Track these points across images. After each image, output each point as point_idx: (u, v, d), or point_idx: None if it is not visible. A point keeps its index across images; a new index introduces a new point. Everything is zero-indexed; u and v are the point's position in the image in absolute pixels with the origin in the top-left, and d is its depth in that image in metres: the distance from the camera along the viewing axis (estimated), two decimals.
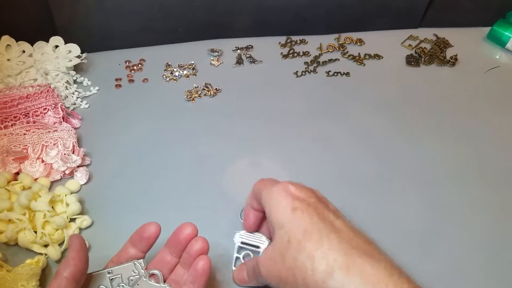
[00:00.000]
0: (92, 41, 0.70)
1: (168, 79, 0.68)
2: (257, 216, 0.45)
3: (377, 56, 0.74)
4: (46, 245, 0.47)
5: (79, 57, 0.65)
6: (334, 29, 0.77)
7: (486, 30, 0.79)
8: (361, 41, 0.76)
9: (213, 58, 0.71)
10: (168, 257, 0.41)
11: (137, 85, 0.67)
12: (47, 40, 0.66)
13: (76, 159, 0.54)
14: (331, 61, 0.72)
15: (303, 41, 0.75)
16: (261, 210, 0.44)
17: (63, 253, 0.47)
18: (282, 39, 0.75)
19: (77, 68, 0.67)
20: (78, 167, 0.55)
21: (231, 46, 0.73)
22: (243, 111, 0.64)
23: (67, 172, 0.54)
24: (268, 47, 0.74)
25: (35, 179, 0.53)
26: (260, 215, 0.45)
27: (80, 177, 0.54)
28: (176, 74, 0.68)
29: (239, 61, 0.71)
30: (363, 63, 0.73)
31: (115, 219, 0.51)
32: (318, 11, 0.74)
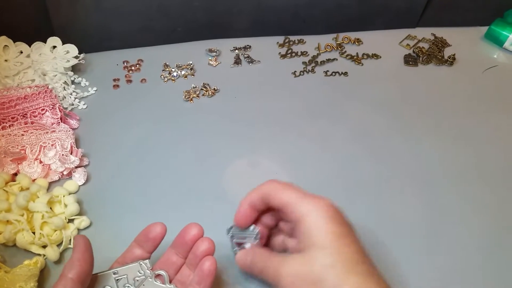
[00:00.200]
0: (89, 42, 0.70)
1: (166, 80, 0.68)
2: (253, 216, 0.43)
3: (375, 55, 0.74)
4: (44, 246, 0.47)
5: (77, 57, 0.65)
6: (332, 29, 0.77)
7: (484, 29, 0.79)
8: (359, 41, 0.76)
9: (211, 58, 0.71)
10: (173, 257, 0.41)
11: (135, 86, 0.67)
12: (44, 40, 0.66)
13: (74, 159, 0.54)
14: (329, 61, 0.72)
15: (301, 41, 0.75)
16: (260, 210, 0.42)
17: (62, 254, 0.47)
18: (280, 39, 0.75)
19: (75, 68, 0.67)
20: (76, 167, 0.54)
21: (229, 46, 0.73)
22: (241, 111, 0.64)
23: (65, 173, 0.54)
24: (266, 47, 0.74)
25: (33, 180, 0.52)
26: (256, 215, 0.43)
27: (78, 178, 0.54)
28: (174, 74, 0.68)
29: (237, 61, 0.71)
30: (361, 62, 0.73)
31: (114, 220, 0.51)
32: (316, 11, 0.74)
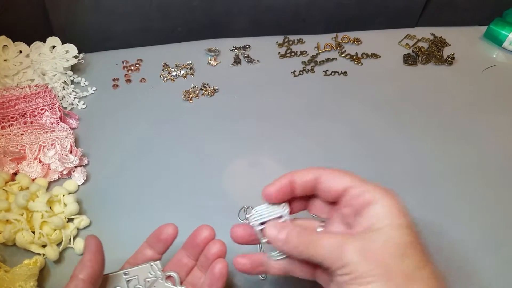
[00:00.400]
0: (89, 41, 0.70)
1: (165, 79, 0.68)
2: (288, 195, 0.38)
3: (375, 55, 0.74)
4: (44, 246, 0.47)
5: (76, 57, 0.65)
6: (331, 29, 0.77)
7: (483, 29, 0.79)
8: (358, 41, 0.76)
9: (210, 58, 0.71)
10: (184, 259, 0.41)
11: (135, 85, 0.67)
12: (44, 40, 0.66)
13: (73, 159, 0.54)
14: (328, 60, 0.72)
15: (300, 41, 0.75)
16: (293, 194, 0.38)
17: (61, 253, 0.47)
18: (279, 38, 0.75)
19: (74, 68, 0.67)
20: (75, 167, 0.54)
21: (229, 45, 0.73)
22: (241, 110, 0.64)
23: (64, 172, 0.54)
24: (265, 46, 0.74)
25: (33, 180, 0.52)
26: (289, 197, 0.39)
27: (77, 177, 0.54)
28: (173, 74, 0.68)
29: (237, 61, 0.71)
30: (361, 62, 0.73)
31: (113, 219, 0.51)
32: (315, 11, 0.74)
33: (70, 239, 0.48)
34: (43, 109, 0.58)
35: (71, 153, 0.55)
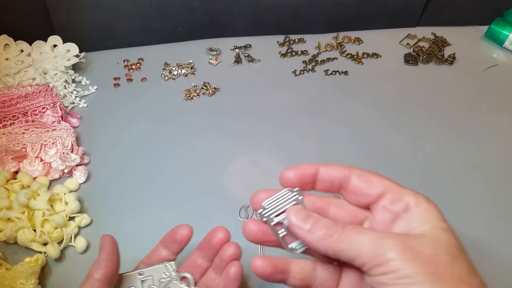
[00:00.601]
0: (90, 40, 0.70)
1: (166, 78, 0.68)
2: (308, 181, 0.35)
3: (375, 55, 0.74)
4: (45, 244, 0.47)
5: (77, 56, 0.66)
6: (332, 28, 0.77)
7: (484, 28, 0.79)
8: (359, 40, 0.76)
9: (211, 57, 0.71)
10: (199, 260, 0.40)
11: (136, 84, 0.67)
12: (45, 39, 0.66)
13: (75, 158, 0.54)
14: (329, 60, 0.73)
15: (301, 40, 0.75)
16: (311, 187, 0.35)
17: (62, 251, 0.47)
18: (280, 38, 0.75)
19: (76, 67, 0.67)
20: (77, 166, 0.55)
21: (230, 45, 0.73)
22: (242, 110, 0.64)
23: (66, 171, 0.54)
24: (266, 46, 0.74)
25: (34, 178, 0.53)
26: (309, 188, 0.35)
27: (79, 176, 0.54)
28: (174, 73, 0.68)
29: (238, 60, 0.71)
30: (361, 62, 0.73)
31: (114, 218, 0.51)
32: (316, 10, 0.74)
33: (71, 237, 0.48)
34: (45, 107, 0.58)
35: (72, 152, 0.55)
